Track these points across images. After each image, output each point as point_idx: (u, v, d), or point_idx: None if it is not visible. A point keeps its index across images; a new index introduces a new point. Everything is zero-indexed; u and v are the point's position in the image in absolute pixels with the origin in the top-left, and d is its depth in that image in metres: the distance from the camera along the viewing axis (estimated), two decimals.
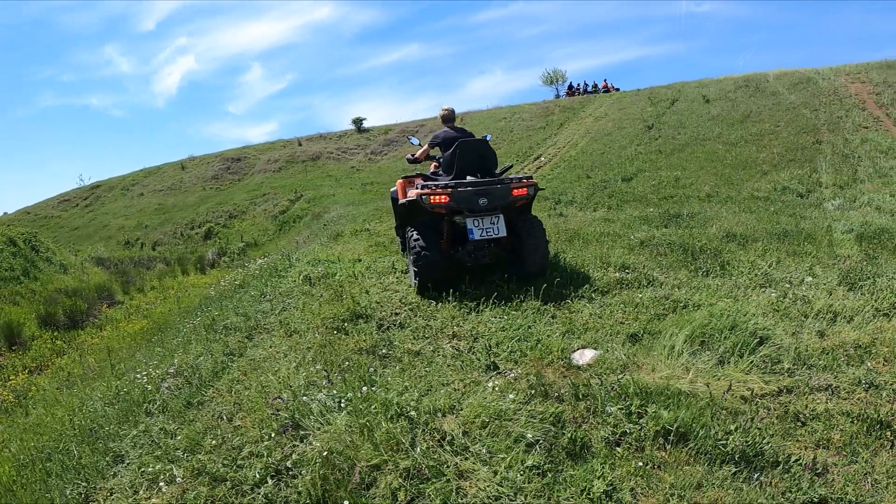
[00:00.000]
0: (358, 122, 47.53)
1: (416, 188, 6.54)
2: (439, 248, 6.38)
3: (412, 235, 6.40)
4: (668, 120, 24.29)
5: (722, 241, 8.16)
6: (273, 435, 3.55)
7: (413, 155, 7.87)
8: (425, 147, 7.64)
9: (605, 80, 40.99)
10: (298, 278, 7.74)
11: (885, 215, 10.05)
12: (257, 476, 3.21)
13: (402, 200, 7.11)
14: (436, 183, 6.37)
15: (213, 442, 3.62)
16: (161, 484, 3.30)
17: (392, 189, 8.21)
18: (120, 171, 61.29)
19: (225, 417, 4.03)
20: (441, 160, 7.40)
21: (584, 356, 4.50)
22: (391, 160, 39.32)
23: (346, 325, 5.62)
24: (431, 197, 6.19)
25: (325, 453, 3.23)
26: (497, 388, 3.96)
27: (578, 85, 42.25)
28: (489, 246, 6.50)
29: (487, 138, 7.35)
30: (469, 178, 6.54)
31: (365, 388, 3.92)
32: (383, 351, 4.97)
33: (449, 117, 7.58)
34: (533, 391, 3.88)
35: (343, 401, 3.81)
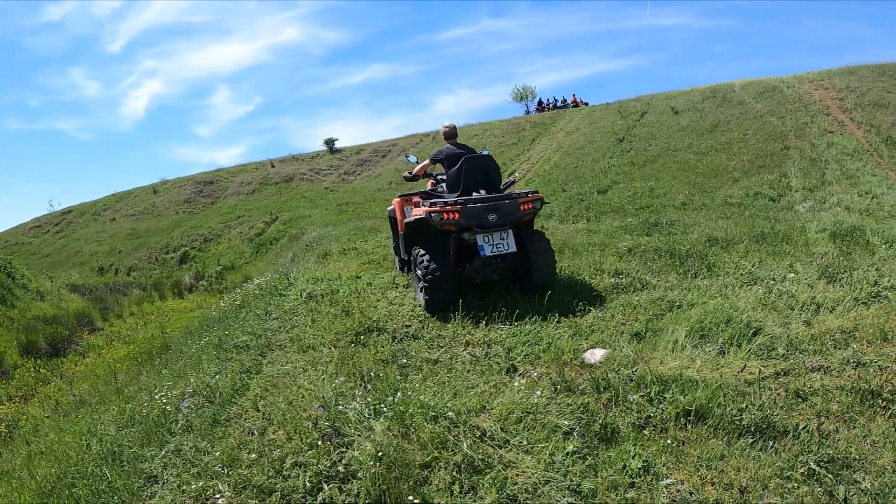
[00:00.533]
0: (330, 142, 47.67)
1: (425, 206, 6.60)
2: (448, 265, 6.41)
3: (420, 255, 6.43)
4: (638, 132, 24.93)
5: (705, 246, 8.63)
6: (319, 443, 3.61)
7: (410, 172, 7.91)
8: (425, 163, 7.70)
9: (573, 95, 41.71)
10: (301, 296, 7.87)
11: (854, 214, 10.66)
12: (308, 484, 3.28)
13: (408, 219, 7.10)
14: (444, 200, 6.41)
15: (253, 456, 3.65)
16: (210, 500, 3.38)
17: (389, 208, 8.30)
18: (89, 196, 60.54)
19: (256, 432, 4.09)
20: (439, 177, 7.60)
21: (595, 355, 4.84)
22: (365, 180, 39.46)
23: (361, 337, 5.76)
24: (442, 214, 6.22)
25: (379, 454, 3.34)
26: (523, 387, 4.25)
27: (548, 100, 42.86)
28: (497, 262, 6.60)
29: (485, 154, 7.44)
30: (475, 195, 6.57)
31: (399, 394, 4.05)
32: (403, 360, 5.13)
33: (451, 134, 7.62)
34: (557, 387, 4.21)
35: (384, 406, 3.94)
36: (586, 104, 39.10)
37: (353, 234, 16.80)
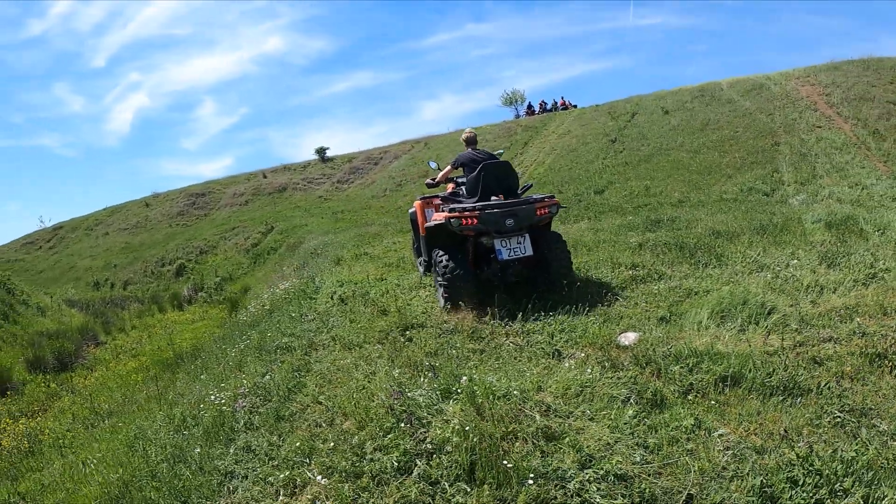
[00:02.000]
0: (321, 151, 47.71)
1: (444, 211, 6.86)
2: (467, 267, 6.81)
3: (440, 256, 6.82)
4: (630, 133, 25.46)
5: (711, 238, 9.21)
6: (402, 426, 3.89)
7: (433, 179, 8.33)
8: (447, 169, 8.07)
9: (562, 98, 42.10)
10: (332, 298, 8.25)
11: (846, 205, 11.30)
12: (395, 464, 3.54)
13: (429, 224, 7.37)
14: (463, 206, 6.72)
15: (331, 445, 3.92)
16: (298, 489, 3.62)
17: (411, 210, 8.65)
18: (78, 212, 60.19)
19: (325, 424, 4.37)
20: (459, 180, 7.99)
21: (629, 338, 5.40)
22: (358, 188, 39.57)
23: (407, 333, 6.18)
24: (461, 220, 6.54)
25: (466, 428, 3.67)
26: (573, 367, 4.79)
27: (542, 102, 43.29)
28: (515, 265, 6.88)
29: (500, 153, 7.93)
30: (494, 199, 6.93)
31: (465, 378, 4.47)
32: (452, 352, 5.52)
33: (471, 140, 7.93)
34: (604, 365, 4.78)
35: (457, 389, 4.34)
36: (575, 106, 39.59)
37: (357, 241, 16.99)
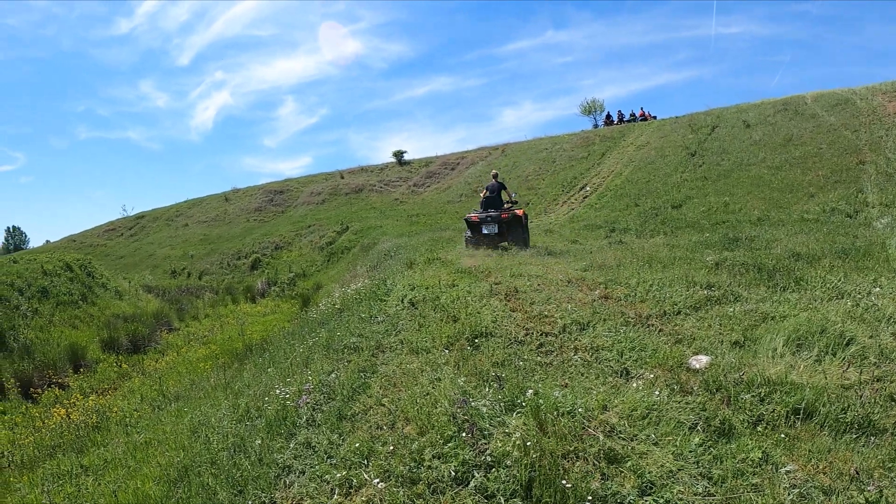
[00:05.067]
0: (399, 154, 48.33)
1: (471, 214, 14.72)
2: (477, 236, 14.14)
3: (467, 232, 14.58)
4: (710, 146, 24.91)
5: (790, 260, 8.96)
6: (464, 435, 3.90)
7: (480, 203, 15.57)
8: (483, 192, 15.06)
9: (641, 109, 41.55)
10: (403, 302, 8.30)
11: None
12: (453, 473, 3.58)
13: (464, 218, 15.17)
14: (476, 213, 14.47)
15: (390, 448, 3.95)
16: (353, 489, 3.66)
17: (466, 216, 15.16)
18: (159, 203, 62.61)
19: (386, 427, 4.40)
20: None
21: (700, 361, 5.31)
22: (434, 192, 39.77)
23: (476, 341, 6.17)
24: (472, 217, 14.40)
25: (528, 444, 3.65)
26: (641, 388, 4.72)
27: (620, 113, 42.66)
28: (495, 238, 13.86)
29: (513, 196, 14.95)
30: (490, 211, 14.28)
31: (531, 392, 4.50)
32: (519, 363, 5.51)
33: (495, 175, 15.00)
34: (672, 388, 4.70)
35: (522, 402, 4.36)
36: (654, 118, 38.85)
37: (432, 246, 17.07)
